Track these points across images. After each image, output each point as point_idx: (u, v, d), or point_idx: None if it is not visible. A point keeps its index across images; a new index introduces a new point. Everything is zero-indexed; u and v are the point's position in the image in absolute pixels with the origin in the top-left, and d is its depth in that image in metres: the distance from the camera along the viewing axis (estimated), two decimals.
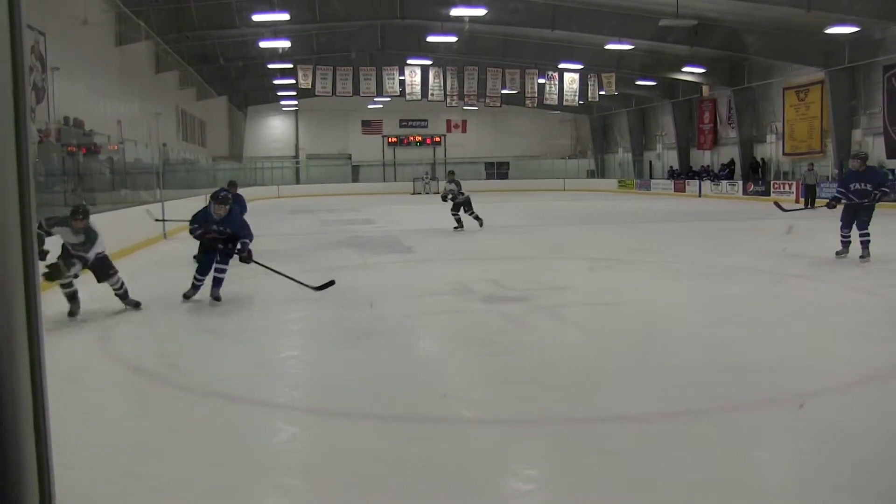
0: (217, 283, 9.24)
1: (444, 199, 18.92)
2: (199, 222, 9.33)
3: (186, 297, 9.29)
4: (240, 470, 4.00)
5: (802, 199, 26.74)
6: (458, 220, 18.64)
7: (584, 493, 3.85)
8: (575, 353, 6.78)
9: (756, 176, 34.49)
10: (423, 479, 4.01)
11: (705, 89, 38.32)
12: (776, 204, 14.33)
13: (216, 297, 9.20)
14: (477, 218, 18.56)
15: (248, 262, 9.34)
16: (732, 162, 36.80)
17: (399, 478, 4.03)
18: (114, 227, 13.68)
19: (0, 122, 0.88)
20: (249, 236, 9.39)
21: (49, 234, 8.12)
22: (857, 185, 11.59)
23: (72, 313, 8.21)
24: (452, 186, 18.53)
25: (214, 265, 9.23)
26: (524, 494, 3.91)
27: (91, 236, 8.19)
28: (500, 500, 3.85)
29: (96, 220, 8.40)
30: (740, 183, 34.51)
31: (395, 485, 3.95)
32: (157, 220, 10.39)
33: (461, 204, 18.47)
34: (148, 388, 5.97)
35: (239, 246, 9.29)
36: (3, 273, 0.90)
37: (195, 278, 9.36)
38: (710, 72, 34.36)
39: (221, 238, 9.22)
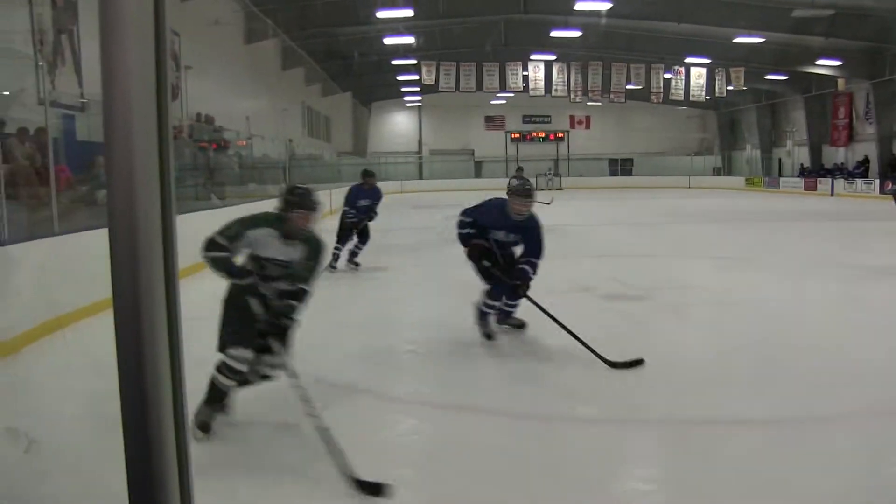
0: (506, 312, 7.32)
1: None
2: (473, 225, 7.19)
3: (488, 337, 7.08)
4: (357, 459, 4.06)
5: None
6: None
7: (705, 497, 3.76)
8: (696, 354, 6.64)
9: (895, 174, 32.45)
10: (541, 476, 4.02)
11: (841, 83, 36.19)
12: None
13: (520, 325, 7.42)
14: None
15: (523, 296, 6.92)
16: (867, 159, 34.67)
17: (516, 474, 4.05)
18: None
19: (146, 121, 0.92)
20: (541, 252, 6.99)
21: (229, 252, 4.46)
22: None
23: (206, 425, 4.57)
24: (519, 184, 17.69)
25: (504, 300, 7.10)
26: (643, 495, 3.85)
27: (315, 248, 4.79)
28: (618, 501, 3.81)
29: (225, 214, 5.64)
30: (877, 181, 32.38)
31: (512, 481, 3.97)
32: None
33: None
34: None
35: (521, 271, 6.90)
36: (147, 263, 0.94)
37: (486, 304, 7.08)
38: (847, 64, 32.28)
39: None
